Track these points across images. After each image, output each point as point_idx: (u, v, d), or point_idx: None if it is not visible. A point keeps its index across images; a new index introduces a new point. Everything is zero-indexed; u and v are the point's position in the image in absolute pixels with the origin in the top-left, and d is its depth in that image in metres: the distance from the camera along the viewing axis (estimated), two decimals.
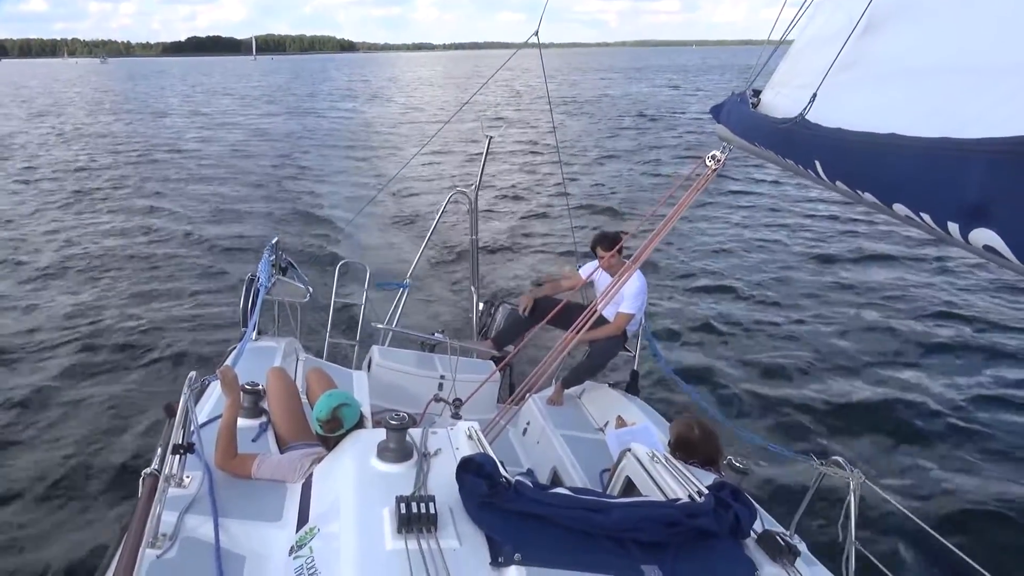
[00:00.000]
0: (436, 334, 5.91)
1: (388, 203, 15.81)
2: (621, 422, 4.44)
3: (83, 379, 7.31)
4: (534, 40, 5.04)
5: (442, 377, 5.12)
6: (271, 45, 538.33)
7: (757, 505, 2.64)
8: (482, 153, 6.20)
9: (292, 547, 2.20)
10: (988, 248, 1.30)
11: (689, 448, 3.32)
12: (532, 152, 23.99)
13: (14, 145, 27.33)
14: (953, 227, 1.38)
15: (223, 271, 11.01)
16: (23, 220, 14.95)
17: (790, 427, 6.55)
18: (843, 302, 10.07)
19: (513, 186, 18.51)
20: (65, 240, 13.21)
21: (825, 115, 2.06)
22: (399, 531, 2.02)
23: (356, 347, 5.59)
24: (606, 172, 20.65)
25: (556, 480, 4.12)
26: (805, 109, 2.13)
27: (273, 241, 4.87)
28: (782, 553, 2.33)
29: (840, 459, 2.60)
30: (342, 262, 5.83)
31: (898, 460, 5.98)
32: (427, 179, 19.03)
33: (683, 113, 38.14)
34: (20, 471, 5.56)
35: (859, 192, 1.75)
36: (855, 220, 14.42)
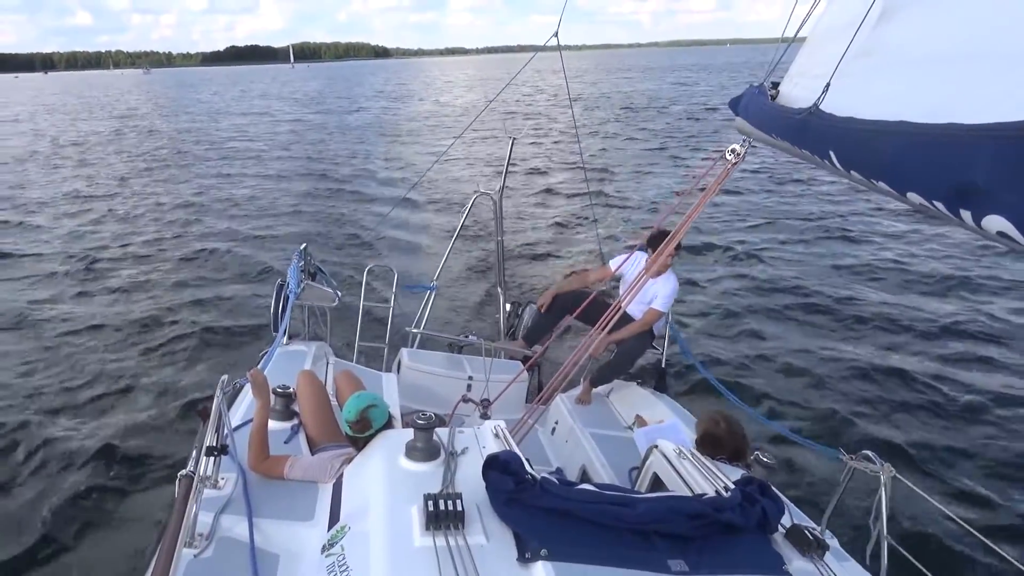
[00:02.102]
0: (469, 336, 5.94)
1: (414, 206, 15.92)
2: (642, 421, 4.44)
3: (118, 383, 7.47)
4: (553, 42, 5.07)
5: (470, 378, 5.16)
6: (307, 53, 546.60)
7: (786, 500, 2.63)
8: (506, 155, 6.24)
9: (324, 545, 2.25)
10: (1001, 234, 1.29)
11: (716, 443, 3.31)
12: (556, 152, 23.99)
13: (91, 144, 30.20)
14: (966, 214, 1.37)
15: (256, 277, 11.19)
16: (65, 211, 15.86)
17: (820, 421, 6.48)
18: (873, 290, 9.93)
19: (538, 186, 18.53)
20: (106, 238, 13.76)
21: (840, 105, 2.05)
22: (427, 528, 2.05)
23: (385, 350, 5.65)
24: (629, 168, 20.59)
25: (585, 478, 4.13)
26: (819, 99, 2.12)
27: (302, 247, 4.95)
28: (811, 547, 2.32)
29: (870, 453, 2.58)
30: (370, 266, 5.90)
31: (930, 453, 5.88)
32: (452, 181, 19.14)
33: (704, 107, 38.00)
34: (57, 474, 5.71)
35: (873, 181, 1.75)
36: (886, 205, 14.22)
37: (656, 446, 3.14)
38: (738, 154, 3.39)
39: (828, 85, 2.16)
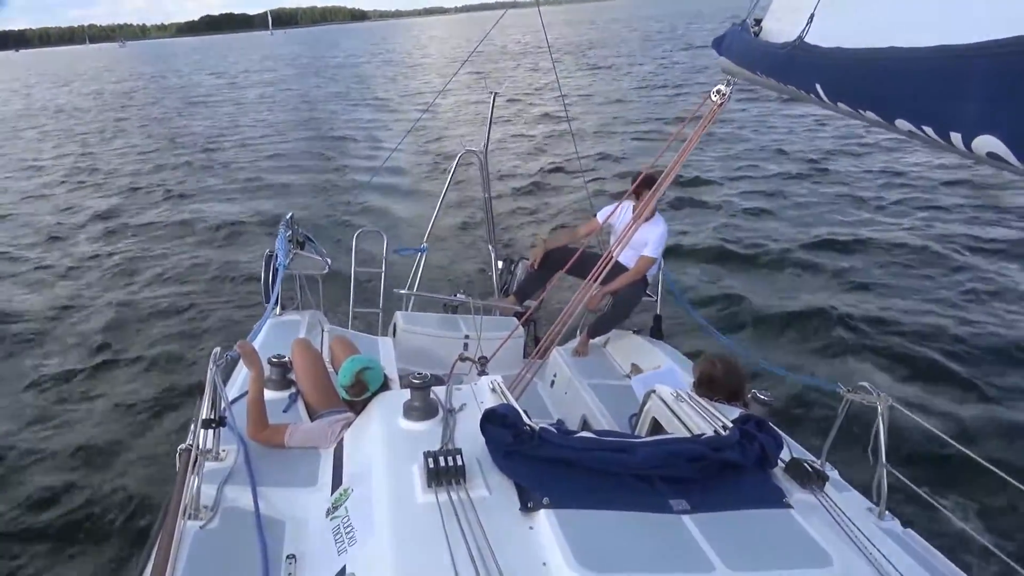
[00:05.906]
0: (457, 295, 5.92)
1: (400, 167, 15.76)
2: (637, 369, 4.46)
3: (110, 363, 7.46)
4: None
5: (467, 337, 5.15)
6: (283, 18, 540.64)
7: (785, 435, 2.65)
8: (488, 111, 6.14)
9: (328, 509, 2.27)
10: (991, 155, 1.28)
11: (713, 384, 3.32)
12: (539, 105, 23.70)
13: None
14: (956, 137, 1.35)
15: (246, 247, 11.06)
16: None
17: (816, 356, 6.55)
18: (864, 223, 9.95)
19: (523, 141, 18.34)
20: (87, 212, 13.80)
21: (825, 36, 2.01)
22: (429, 485, 2.06)
23: (380, 314, 5.63)
24: (614, 116, 20.41)
25: (586, 428, 4.15)
26: (803, 31, 2.08)
27: (288, 216, 4.88)
28: (811, 479, 2.34)
29: (867, 384, 2.59)
30: (359, 231, 5.83)
31: (926, 381, 5.96)
32: (437, 140, 18.94)
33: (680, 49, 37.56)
34: (56, 458, 5.72)
35: (860, 111, 1.71)
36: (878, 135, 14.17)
37: (654, 391, 3.15)
38: (724, 94, 3.34)
39: (812, 16, 2.11)
